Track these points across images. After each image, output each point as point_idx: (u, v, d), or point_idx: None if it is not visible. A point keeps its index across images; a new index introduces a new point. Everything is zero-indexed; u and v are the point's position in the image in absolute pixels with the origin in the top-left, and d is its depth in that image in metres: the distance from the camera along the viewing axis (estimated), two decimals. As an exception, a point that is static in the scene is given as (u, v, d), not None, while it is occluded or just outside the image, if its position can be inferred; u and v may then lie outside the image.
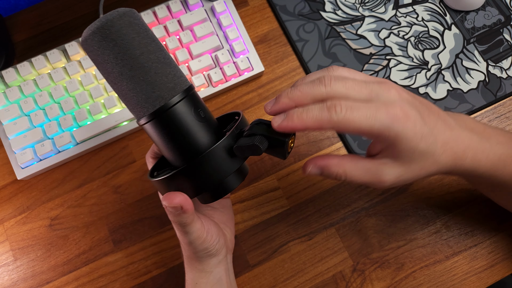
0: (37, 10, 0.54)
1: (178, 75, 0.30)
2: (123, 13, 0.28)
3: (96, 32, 0.27)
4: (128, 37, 0.28)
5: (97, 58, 0.29)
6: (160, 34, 0.49)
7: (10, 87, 0.48)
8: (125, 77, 0.28)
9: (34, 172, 0.47)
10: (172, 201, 0.29)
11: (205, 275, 0.36)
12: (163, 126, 0.30)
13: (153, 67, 0.29)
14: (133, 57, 0.28)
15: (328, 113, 0.28)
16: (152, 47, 0.29)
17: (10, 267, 0.46)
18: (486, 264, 0.44)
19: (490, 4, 0.52)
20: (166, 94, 0.29)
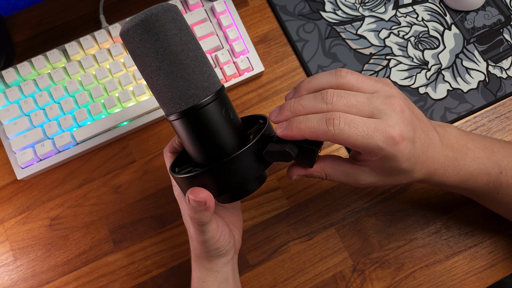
0: (37, 10, 0.54)
1: (212, 75, 0.31)
2: (167, 8, 0.28)
3: (140, 24, 0.27)
4: (171, 32, 0.28)
5: (136, 51, 0.29)
6: (160, 34, 0.49)
7: (10, 87, 0.48)
8: (162, 72, 0.28)
9: (34, 172, 0.47)
10: (198, 195, 0.30)
11: (213, 274, 0.36)
12: (193, 125, 0.30)
13: (191, 65, 0.29)
14: (174, 53, 0.28)
15: (325, 126, 0.28)
16: (192, 45, 0.29)
17: (10, 267, 0.46)
18: (486, 264, 0.44)
19: (490, 4, 0.52)
20: (201, 93, 0.29)
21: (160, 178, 0.48)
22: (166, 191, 0.48)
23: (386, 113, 0.29)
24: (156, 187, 0.48)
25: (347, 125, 0.28)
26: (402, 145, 0.29)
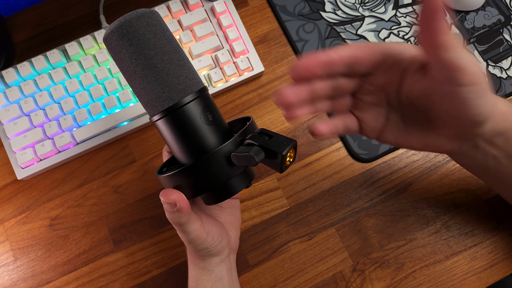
0: (37, 10, 0.54)
1: (190, 77, 0.31)
2: (141, 14, 0.29)
3: (114, 31, 0.29)
4: (144, 37, 0.29)
5: (115, 56, 0.30)
6: (160, 34, 0.49)
7: (10, 87, 0.48)
8: (138, 75, 0.29)
9: (34, 172, 0.47)
10: (168, 197, 0.30)
11: (206, 272, 0.36)
12: (169, 126, 0.30)
13: (165, 68, 0.29)
14: (147, 57, 0.29)
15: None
16: (167, 48, 0.30)
17: (10, 267, 0.46)
18: (486, 264, 0.44)
19: (490, 4, 0.52)
20: (175, 95, 0.30)
21: (160, 178, 0.48)
22: (166, 191, 0.48)
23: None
24: (156, 187, 0.48)
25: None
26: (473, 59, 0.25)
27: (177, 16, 0.50)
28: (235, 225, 0.40)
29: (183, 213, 0.31)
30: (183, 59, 0.31)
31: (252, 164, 0.29)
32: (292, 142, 0.29)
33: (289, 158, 0.30)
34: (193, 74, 0.31)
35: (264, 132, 0.31)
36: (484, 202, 0.46)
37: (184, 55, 0.31)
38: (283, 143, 0.29)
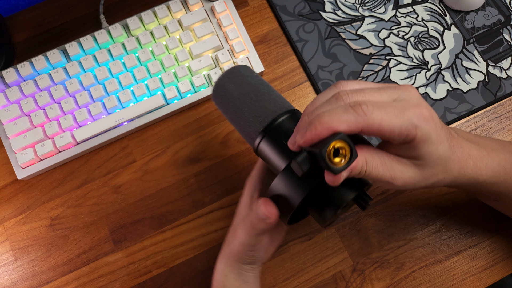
0: (37, 10, 0.54)
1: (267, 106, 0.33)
2: (225, 73, 0.36)
3: (212, 93, 0.37)
4: (228, 89, 0.35)
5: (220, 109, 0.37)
6: (160, 34, 0.49)
7: (11, 87, 0.48)
8: (232, 121, 0.35)
9: (35, 172, 0.47)
10: (267, 209, 0.31)
11: (236, 272, 0.37)
12: (262, 155, 0.33)
13: (246, 108, 0.34)
14: (232, 103, 0.35)
15: (355, 113, 0.25)
16: (246, 89, 0.34)
17: (10, 267, 0.46)
18: (485, 264, 0.44)
19: (490, 4, 0.52)
20: (258, 126, 0.33)
21: (160, 178, 0.48)
22: (166, 191, 0.48)
23: (405, 95, 0.28)
24: (156, 187, 0.48)
25: (376, 108, 0.25)
26: (433, 123, 0.27)
27: (177, 16, 0.50)
28: (276, 243, 0.39)
29: (268, 227, 0.32)
30: (262, 94, 0.34)
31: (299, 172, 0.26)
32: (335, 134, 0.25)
33: (340, 158, 0.25)
34: (270, 104, 0.33)
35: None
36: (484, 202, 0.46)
37: (265, 88, 0.35)
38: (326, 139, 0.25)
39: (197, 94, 0.49)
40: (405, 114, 0.26)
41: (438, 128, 0.28)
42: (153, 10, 0.50)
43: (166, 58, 0.48)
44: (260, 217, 0.31)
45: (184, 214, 0.47)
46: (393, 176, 0.28)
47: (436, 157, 0.28)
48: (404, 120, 0.26)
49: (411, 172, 0.29)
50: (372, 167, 0.28)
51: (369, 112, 0.25)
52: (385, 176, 0.28)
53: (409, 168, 0.29)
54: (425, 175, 0.29)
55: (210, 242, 0.46)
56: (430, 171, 0.29)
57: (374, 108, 0.25)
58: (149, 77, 0.49)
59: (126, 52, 0.49)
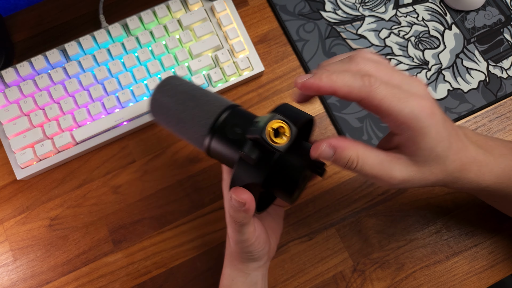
0: (37, 10, 0.54)
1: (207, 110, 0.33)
2: (156, 88, 0.35)
3: (150, 111, 0.36)
4: (164, 103, 0.34)
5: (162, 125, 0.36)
6: (160, 34, 0.49)
7: (10, 87, 0.48)
8: (177, 132, 0.35)
9: (34, 172, 0.47)
10: (239, 196, 0.29)
11: (243, 275, 0.36)
12: (215, 156, 0.33)
13: (187, 117, 0.33)
14: (172, 116, 0.34)
15: (361, 81, 0.25)
16: (182, 98, 0.34)
17: (10, 267, 0.46)
18: (486, 264, 0.44)
19: (490, 4, 0.52)
20: (202, 130, 0.32)
21: (160, 178, 0.48)
22: (165, 191, 0.48)
23: (413, 85, 0.27)
24: (156, 187, 0.48)
25: (383, 84, 0.25)
26: (436, 118, 0.26)
27: (177, 16, 0.50)
28: (276, 233, 0.39)
29: (248, 214, 0.30)
30: (197, 98, 0.34)
31: (250, 161, 0.28)
32: (269, 117, 0.26)
33: (282, 136, 0.26)
34: (208, 106, 0.33)
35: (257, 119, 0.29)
36: (484, 202, 0.46)
37: (200, 93, 0.34)
38: (261, 123, 0.26)
39: (197, 94, 0.48)
40: (409, 101, 0.26)
41: (439, 125, 0.27)
42: (153, 9, 0.50)
43: (165, 58, 0.48)
44: (236, 207, 0.30)
45: (183, 214, 0.47)
46: (390, 174, 0.28)
47: (434, 154, 0.28)
48: (406, 107, 0.26)
49: (409, 170, 0.28)
50: (365, 163, 0.27)
51: (375, 86, 0.25)
52: (382, 174, 0.28)
53: (407, 166, 0.28)
54: (423, 173, 0.29)
55: (210, 243, 0.46)
56: (428, 169, 0.28)
57: (381, 84, 0.25)
58: (148, 77, 0.49)
59: (126, 52, 0.49)
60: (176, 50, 0.49)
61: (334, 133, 0.49)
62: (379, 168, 0.28)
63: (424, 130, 0.26)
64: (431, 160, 0.28)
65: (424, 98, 0.27)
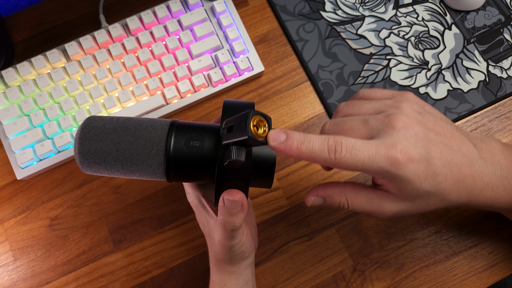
0: (37, 10, 0.54)
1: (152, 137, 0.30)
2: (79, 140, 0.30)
3: (83, 166, 0.31)
4: (98, 150, 0.30)
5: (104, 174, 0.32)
6: (160, 34, 0.49)
7: (10, 87, 0.48)
8: (125, 174, 0.31)
9: (34, 172, 0.47)
10: (234, 196, 0.29)
11: (235, 277, 0.36)
12: (181, 179, 0.32)
13: (133, 153, 0.30)
14: (114, 160, 0.30)
15: (327, 153, 0.26)
16: (117, 137, 0.30)
17: (10, 267, 0.46)
18: (486, 264, 0.44)
19: (490, 4, 0.52)
20: (157, 158, 0.30)
21: (160, 178, 0.48)
22: (165, 191, 0.48)
23: (385, 132, 0.27)
24: (155, 187, 0.48)
25: (348, 152, 0.26)
26: (411, 165, 0.26)
27: (177, 16, 0.50)
28: (253, 224, 0.39)
29: (244, 213, 0.30)
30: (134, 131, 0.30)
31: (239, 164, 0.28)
32: (246, 116, 0.25)
33: (263, 129, 0.26)
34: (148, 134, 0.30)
35: (227, 123, 0.28)
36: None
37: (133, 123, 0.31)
38: (241, 125, 0.26)
39: (197, 94, 0.49)
40: (377, 159, 0.26)
41: (421, 167, 0.26)
42: (153, 9, 0.50)
43: (165, 58, 0.48)
44: (230, 210, 0.29)
45: (183, 214, 0.47)
46: (382, 210, 0.29)
47: (422, 192, 0.27)
48: (373, 165, 0.26)
49: (399, 205, 0.29)
50: (355, 203, 0.30)
51: (341, 156, 0.26)
52: (374, 210, 0.29)
53: (396, 202, 0.29)
54: (417, 206, 0.29)
55: (210, 242, 0.46)
56: (423, 201, 0.28)
57: (347, 153, 0.26)
58: (148, 77, 0.49)
59: (126, 52, 0.49)
60: (176, 50, 0.49)
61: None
62: (369, 206, 0.29)
63: (399, 177, 0.26)
64: (421, 196, 0.28)
65: (394, 145, 0.26)
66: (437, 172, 0.27)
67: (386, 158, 0.26)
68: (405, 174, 0.26)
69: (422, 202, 0.28)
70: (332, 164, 0.27)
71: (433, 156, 0.27)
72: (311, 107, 0.50)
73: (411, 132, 0.27)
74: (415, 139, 0.27)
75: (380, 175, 0.27)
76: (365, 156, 0.26)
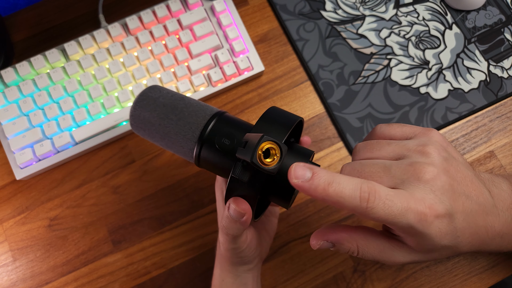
0: (36, 10, 0.54)
1: (191, 122, 0.32)
2: (135, 103, 0.33)
3: (132, 128, 0.34)
4: (145, 118, 0.33)
5: (147, 139, 0.35)
6: (160, 33, 0.48)
7: (9, 87, 0.48)
8: (163, 146, 0.34)
9: (33, 172, 0.47)
10: (240, 206, 0.28)
11: (232, 276, 0.36)
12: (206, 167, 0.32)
13: (171, 131, 0.32)
14: (156, 131, 0.33)
15: (359, 201, 0.24)
16: (163, 112, 0.32)
17: (9, 268, 0.46)
18: (487, 264, 0.44)
19: (491, 3, 0.52)
20: (190, 144, 0.32)
21: (160, 179, 0.48)
22: (165, 192, 0.47)
23: (410, 183, 0.25)
24: (155, 187, 0.48)
25: (382, 203, 0.24)
26: (437, 223, 0.24)
27: (177, 15, 0.50)
28: (270, 234, 0.39)
29: (244, 227, 0.30)
30: (181, 111, 0.32)
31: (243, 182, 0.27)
32: (260, 137, 0.25)
33: (272, 157, 0.25)
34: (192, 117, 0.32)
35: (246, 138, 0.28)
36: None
37: (184, 102, 0.33)
38: (251, 144, 0.25)
39: (197, 93, 0.48)
40: (407, 214, 0.24)
41: (444, 223, 0.25)
42: (152, 9, 0.50)
43: (165, 58, 0.48)
44: (232, 219, 0.29)
45: (183, 214, 0.47)
46: (393, 260, 0.28)
47: (440, 247, 0.26)
48: (402, 220, 0.24)
49: (412, 256, 0.27)
50: (365, 252, 0.28)
51: (371, 207, 0.24)
52: (384, 260, 0.28)
53: (411, 253, 0.27)
54: (430, 257, 0.28)
55: (209, 243, 0.46)
56: (434, 255, 0.27)
57: (380, 202, 0.24)
58: (148, 76, 0.48)
59: (125, 52, 0.49)
60: (175, 50, 0.49)
61: (334, 133, 0.49)
62: (380, 256, 0.28)
63: (422, 234, 0.25)
64: (438, 250, 0.27)
65: (421, 199, 0.24)
66: (457, 227, 0.26)
67: (415, 213, 0.24)
68: (429, 231, 0.25)
69: (436, 254, 0.27)
70: (360, 212, 0.24)
71: (456, 210, 0.26)
72: (312, 107, 0.50)
73: (438, 184, 0.25)
74: (442, 192, 0.25)
75: (404, 230, 0.25)
76: (398, 209, 0.24)
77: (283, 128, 0.28)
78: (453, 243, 0.26)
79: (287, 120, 0.29)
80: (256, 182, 0.28)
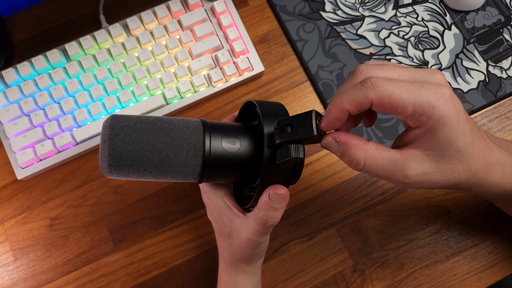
0: (37, 10, 0.54)
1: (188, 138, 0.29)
2: (110, 141, 0.27)
3: (113, 170, 0.28)
4: (132, 152, 0.28)
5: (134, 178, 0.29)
6: (160, 34, 0.49)
7: (10, 87, 0.48)
8: (158, 176, 0.29)
9: (34, 172, 0.47)
10: (280, 190, 0.30)
11: (250, 276, 0.36)
12: (214, 179, 0.32)
13: (169, 154, 0.29)
14: (149, 161, 0.28)
15: (363, 88, 0.24)
16: (152, 138, 0.28)
17: (10, 267, 0.46)
18: (486, 264, 0.44)
19: (490, 4, 0.52)
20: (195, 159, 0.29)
21: (160, 178, 0.48)
22: (166, 191, 0.48)
23: (428, 76, 0.26)
24: (156, 187, 0.48)
25: (387, 81, 0.24)
26: (454, 107, 0.24)
27: (177, 16, 0.50)
28: None
29: (284, 209, 0.31)
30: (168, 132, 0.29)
31: (301, 160, 0.29)
32: (311, 115, 0.27)
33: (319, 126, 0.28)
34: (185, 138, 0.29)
35: (281, 123, 0.29)
36: (484, 202, 0.46)
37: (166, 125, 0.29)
38: (305, 124, 0.27)
39: (197, 94, 0.49)
40: (422, 91, 0.24)
41: (460, 116, 0.25)
42: (153, 10, 0.50)
43: (166, 58, 0.48)
44: (274, 205, 0.30)
45: (184, 214, 0.47)
46: (404, 173, 0.26)
47: (454, 149, 0.25)
48: (420, 97, 0.24)
49: (425, 167, 0.26)
50: (373, 163, 0.26)
51: (379, 85, 0.24)
52: (395, 174, 0.26)
53: (422, 163, 0.26)
54: (441, 171, 0.26)
55: (210, 243, 0.46)
56: (448, 166, 0.26)
57: (384, 81, 0.24)
58: (149, 77, 0.49)
59: (126, 52, 0.49)
60: (176, 50, 0.49)
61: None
62: (390, 168, 0.26)
63: (443, 120, 0.24)
64: (451, 156, 0.26)
65: (440, 85, 0.25)
66: (468, 131, 0.25)
67: (433, 92, 0.24)
68: (450, 115, 0.24)
69: (448, 167, 0.26)
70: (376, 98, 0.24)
71: (466, 113, 0.26)
72: (311, 107, 0.50)
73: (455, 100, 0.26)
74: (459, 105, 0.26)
75: (424, 112, 0.24)
76: (409, 88, 0.24)
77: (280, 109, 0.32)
78: (467, 150, 0.26)
79: (275, 105, 0.33)
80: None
